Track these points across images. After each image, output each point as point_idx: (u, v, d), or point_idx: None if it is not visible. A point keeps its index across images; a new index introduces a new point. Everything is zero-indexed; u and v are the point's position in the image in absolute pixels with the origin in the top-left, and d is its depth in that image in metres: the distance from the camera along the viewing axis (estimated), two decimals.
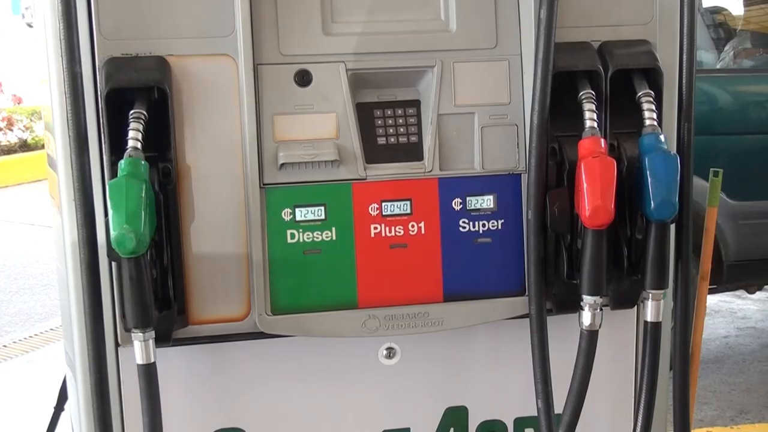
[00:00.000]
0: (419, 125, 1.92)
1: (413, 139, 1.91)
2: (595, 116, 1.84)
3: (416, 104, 1.92)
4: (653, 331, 1.94)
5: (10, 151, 11.93)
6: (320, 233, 1.86)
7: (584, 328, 1.88)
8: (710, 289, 4.03)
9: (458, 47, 1.91)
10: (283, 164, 1.84)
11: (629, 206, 1.90)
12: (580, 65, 1.88)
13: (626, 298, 1.97)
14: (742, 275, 4.68)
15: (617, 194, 1.80)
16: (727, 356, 5.11)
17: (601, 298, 1.87)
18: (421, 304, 1.91)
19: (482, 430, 2.09)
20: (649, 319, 1.93)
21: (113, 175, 1.72)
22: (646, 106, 1.86)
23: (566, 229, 1.89)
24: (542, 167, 1.87)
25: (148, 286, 1.71)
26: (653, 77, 1.90)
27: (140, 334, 1.72)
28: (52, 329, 5.75)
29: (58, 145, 1.81)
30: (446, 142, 1.91)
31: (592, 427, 2.09)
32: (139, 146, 1.71)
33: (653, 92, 1.87)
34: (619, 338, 2.08)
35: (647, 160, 1.83)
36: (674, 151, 1.92)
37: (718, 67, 5.01)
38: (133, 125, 1.71)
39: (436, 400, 2.06)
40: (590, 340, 1.88)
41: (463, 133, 1.92)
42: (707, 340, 5.26)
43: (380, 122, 1.91)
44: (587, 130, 1.83)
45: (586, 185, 1.78)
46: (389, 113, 1.91)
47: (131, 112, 1.72)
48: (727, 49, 5.04)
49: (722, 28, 5.10)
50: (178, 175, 1.80)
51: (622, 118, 1.91)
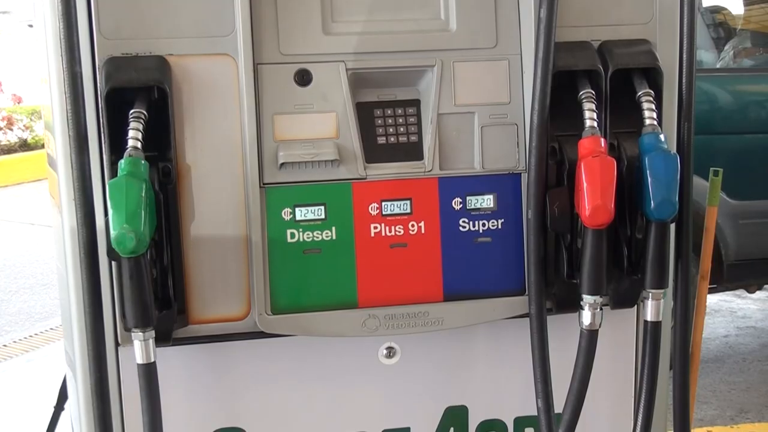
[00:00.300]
0: (419, 125, 1.92)
1: (413, 138, 1.91)
2: (595, 116, 1.84)
3: (416, 104, 1.92)
4: (653, 330, 1.94)
5: (10, 150, 11.95)
6: (320, 233, 1.86)
7: (584, 327, 1.88)
8: (710, 288, 4.04)
9: (458, 47, 1.91)
10: (283, 164, 1.84)
11: (629, 206, 1.90)
12: (580, 65, 1.88)
13: (626, 297, 1.98)
14: (742, 275, 4.68)
15: (617, 194, 1.80)
16: (727, 355, 5.11)
17: (601, 297, 1.87)
18: (421, 303, 1.91)
19: (482, 429, 2.09)
20: (649, 318, 1.93)
21: (113, 174, 1.72)
22: (646, 105, 1.86)
23: (566, 228, 1.89)
24: (542, 167, 1.87)
25: (148, 285, 1.70)
26: (653, 77, 1.90)
27: (140, 333, 1.72)
28: (52, 329, 5.75)
29: (58, 144, 1.81)
30: (446, 141, 1.91)
31: (592, 426, 2.09)
32: (139, 146, 1.71)
33: (653, 92, 1.87)
34: (619, 338, 2.08)
35: (647, 159, 1.83)
36: (674, 150, 1.92)
37: (718, 66, 5.01)
38: (133, 125, 1.71)
39: (436, 399, 2.06)
40: (590, 339, 1.88)
41: (463, 132, 1.92)
42: (707, 339, 5.26)
43: (380, 122, 1.91)
44: (587, 129, 1.83)
45: (586, 185, 1.78)
46: (389, 113, 1.91)
47: (131, 111, 1.72)
48: (727, 48, 5.04)
49: (722, 27, 5.10)
50: (178, 174, 1.80)
51: (622, 117, 1.91)
